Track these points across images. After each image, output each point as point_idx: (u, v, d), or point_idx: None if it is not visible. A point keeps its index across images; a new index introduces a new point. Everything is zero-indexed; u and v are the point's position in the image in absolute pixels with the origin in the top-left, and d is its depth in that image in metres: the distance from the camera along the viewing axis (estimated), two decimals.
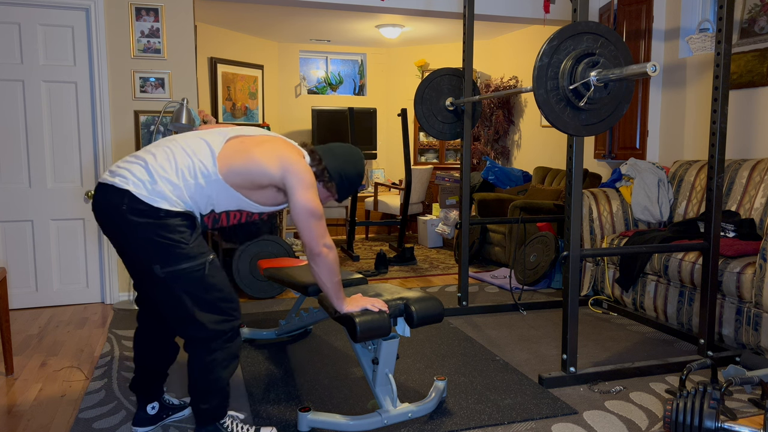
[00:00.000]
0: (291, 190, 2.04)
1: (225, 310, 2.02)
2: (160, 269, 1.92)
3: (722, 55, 2.82)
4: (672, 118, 4.43)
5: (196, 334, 1.99)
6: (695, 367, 2.42)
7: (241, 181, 2.02)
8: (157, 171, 1.95)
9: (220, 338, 2.01)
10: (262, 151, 2.06)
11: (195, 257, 1.95)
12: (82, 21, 3.98)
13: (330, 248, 2.10)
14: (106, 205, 1.94)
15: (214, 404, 2.06)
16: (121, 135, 4.09)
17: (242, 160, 2.02)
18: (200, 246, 1.99)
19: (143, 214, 1.90)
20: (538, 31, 6.32)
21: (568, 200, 2.66)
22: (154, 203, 1.91)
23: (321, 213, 2.07)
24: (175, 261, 1.92)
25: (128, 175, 1.94)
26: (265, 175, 2.03)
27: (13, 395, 2.64)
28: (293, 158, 2.08)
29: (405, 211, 5.96)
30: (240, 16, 6.07)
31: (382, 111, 8.13)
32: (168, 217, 1.92)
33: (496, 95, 3.36)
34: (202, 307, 1.97)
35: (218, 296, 2.00)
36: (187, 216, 1.99)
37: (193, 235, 1.98)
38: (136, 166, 1.97)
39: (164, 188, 1.93)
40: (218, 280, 2.01)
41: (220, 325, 2.00)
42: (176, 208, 1.95)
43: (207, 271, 1.98)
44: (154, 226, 1.90)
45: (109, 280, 4.14)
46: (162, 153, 2.00)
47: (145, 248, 1.91)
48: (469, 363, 2.96)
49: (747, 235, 3.25)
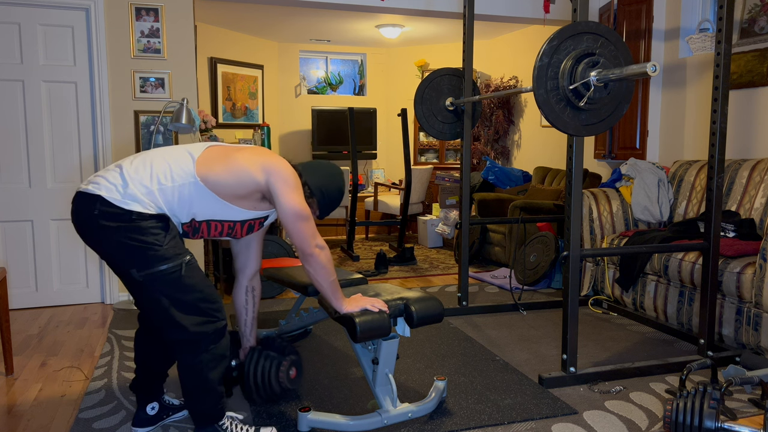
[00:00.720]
0: (276, 194, 2.04)
1: (206, 311, 2.00)
2: (137, 273, 1.91)
3: (722, 55, 2.82)
4: (672, 118, 4.43)
5: (179, 337, 1.97)
6: (695, 367, 2.42)
7: (224, 189, 2.01)
8: (130, 175, 1.95)
9: (204, 340, 1.99)
10: (244, 156, 2.06)
11: (170, 258, 1.94)
12: (82, 21, 3.98)
13: (322, 248, 2.09)
14: (80, 212, 1.94)
15: (208, 406, 2.05)
16: (121, 135, 4.10)
17: (223, 164, 2.02)
18: (175, 247, 1.97)
19: (115, 218, 1.90)
20: (538, 31, 6.32)
21: (568, 200, 2.66)
22: (125, 206, 1.90)
23: (308, 214, 2.07)
24: (151, 264, 1.91)
25: (101, 181, 1.95)
26: (249, 178, 2.02)
27: (13, 395, 2.64)
28: (276, 161, 2.08)
29: (405, 211, 5.96)
30: (240, 16, 6.07)
31: (382, 111, 8.14)
32: (140, 219, 1.91)
33: (496, 95, 3.36)
34: (181, 308, 1.96)
35: (198, 297, 1.98)
36: (161, 218, 1.97)
37: (167, 237, 1.96)
38: (112, 172, 1.98)
39: (136, 191, 1.93)
40: (196, 281, 1.99)
41: (202, 327, 1.98)
42: (149, 210, 1.94)
43: (183, 272, 1.96)
44: (127, 230, 1.90)
45: (109, 280, 4.14)
46: (140, 159, 2.02)
47: (120, 252, 1.91)
48: (469, 363, 2.96)
49: (747, 235, 3.25)
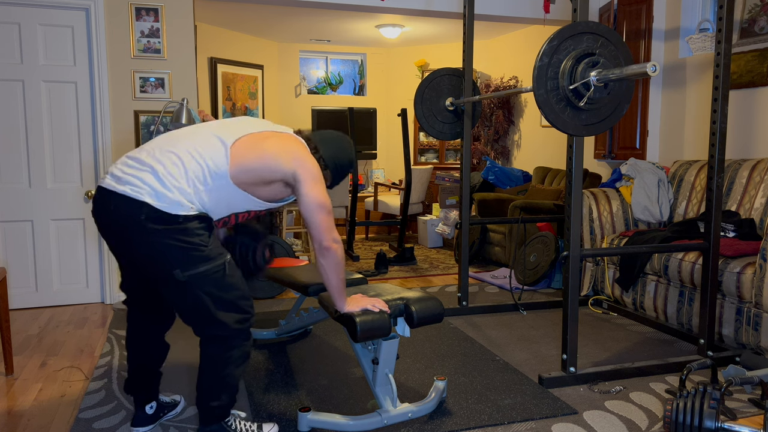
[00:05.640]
0: (301, 184, 2.05)
1: (244, 308, 2.05)
2: (180, 273, 1.92)
3: (722, 55, 2.82)
4: (672, 118, 4.43)
5: (218, 333, 2.01)
6: (695, 367, 2.42)
7: (248, 177, 2.02)
8: (168, 179, 1.93)
9: (239, 336, 2.04)
10: (272, 145, 2.06)
11: (215, 258, 1.97)
12: (82, 21, 3.98)
13: (338, 242, 2.11)
14: (120, 214, 1.92)
15: (223, 402, 2.07)
16: (121, 135, 4.10)
17: (255, 156, 2.02)
18: (218, 247, 2.01)
19: (162, 221, 1.90)
20: (538, 31, 6.32)
21: (568, 200, 2.66)
22: (172, 211, 1.91)
23: (330, 207, 2.09)
24: (197, 264, 1.93)
25: (140, 183, 1.92)
26: (278, 169, 2.04)
27: (13, 395, 2.64)
28: (303, 153, 2.10)
29: (405, 211, 5.96)
30: (240, 16, 6.07)
31: (382, 111, 8.14)
32: (186, 221, 1.93)
33: (496, 95, 3.36)
34: (223, 307, 1.99)
35: (237, 294, 2.03)
36: (204, 218, 1.99)
37: (211, 237, 2.00)
38: (145, 173, 1.94)
39: (179, 197, 1.93)
40: (236, 280, 2.04)
41: (241, 324, 2.03)
42: (192, 212, 1.95)
43: (227, 271, 2.00)
44: (174, 231, 1.91)
45: (109, 280, 4.14)
46: (168, 160, 1.97)
47: (164, 254, 1.92)
48: (469, 363, 2.96)
49: (747, 235, 3.25)
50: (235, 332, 2.02)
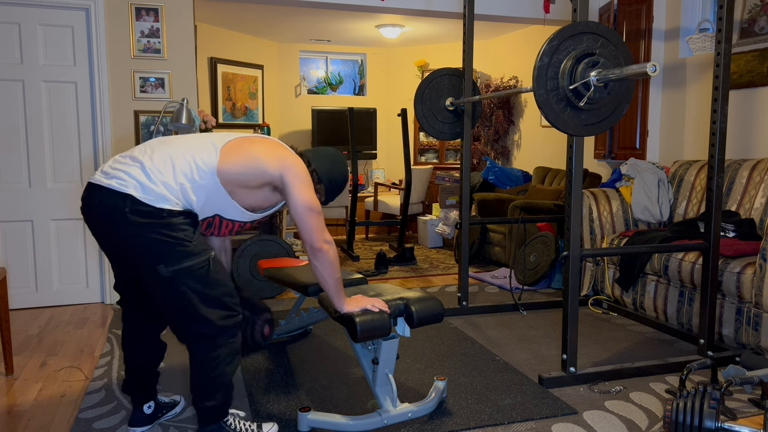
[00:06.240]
0: (289, 188, 2.06)
1: (229, 305, 2.04)
2: (164, 268, 1.92)
3: (722, 55, 2.82)
4: (672, 118, 4.43)
5: (203, 331, 2.00)
6: (695, 367, 2.42)
7: (236, 179, 2.03)
8: (154, 174, 1.95)
9: (225, 334, 2.03)
10: (260, 148, 2.09)
11: (199, 254, 1.97)
12: (82, 21, 3.98)
13: (330, 243, 2.12)
14: (104, 207, 1.93)
15: (219, 401, 2.07)
16: (121, 135, 4.09)
17: (242, 157, 2.04)
18: (202, 243, 2.01)
19: (146, 215, 1.90)
20: (538, 31, 6.32)
21: (568, 200, 2.66)
22: (156, 204, 1.92)
23: (319, 209, 2.10)
24: (180, 259, 1.93)
25: (126, 177, 1.94)
26: (264, 171, 2.05)
27: (13, 395, 2.64)
28: (291, 157, 2.12)
29: (405, 211, 5.96)
30: (240, 16, 6.07)
31: (382, 111, 8.14)
32: (171, 216, 1.93)
33: (496, 95, 3.36)
34: (208, 303, 1.99)
35: (222, 291, 2.03)
36: (189, 214, 2.00)
37: (196, 233, 2.00)
38: (134, 168, 1.96)
39: (164, 191, 1.94)
40: (221, 276, 2.04)
41: (225, 321, 2.03)
42: (177, 207, 1.96)
43: (211, 267, 2.00)
44: (158, 226, 1.91)
45: (109, 280, 4.14)
46: (159, 156, 2.00)
47: (148, 248, 1.92)
48: (469, 363, 2.96)
49: (747, 235, 3.25)
50: (221, 330, 2.01)
